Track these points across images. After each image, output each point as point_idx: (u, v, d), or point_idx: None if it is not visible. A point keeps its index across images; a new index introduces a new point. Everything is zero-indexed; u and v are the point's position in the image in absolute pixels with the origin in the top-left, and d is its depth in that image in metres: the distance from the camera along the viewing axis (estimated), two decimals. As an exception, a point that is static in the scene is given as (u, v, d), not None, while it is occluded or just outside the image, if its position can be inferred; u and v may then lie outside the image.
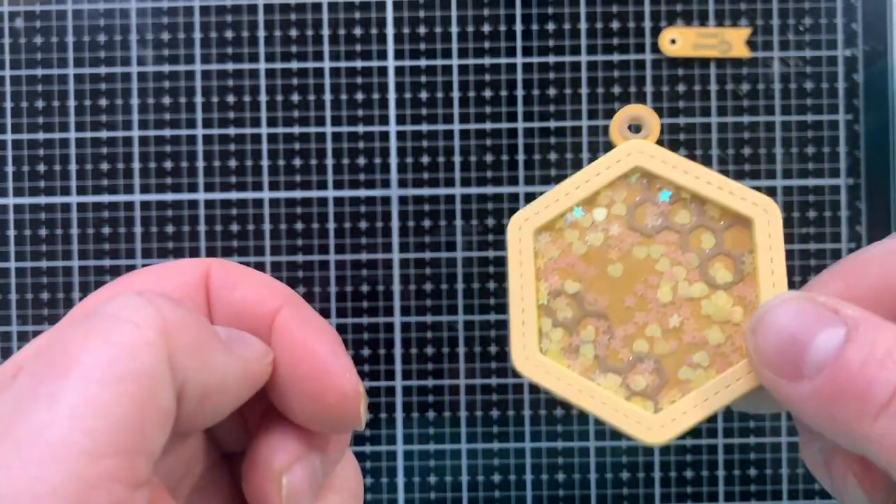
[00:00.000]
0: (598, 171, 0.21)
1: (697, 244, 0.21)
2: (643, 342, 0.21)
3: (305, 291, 0.36)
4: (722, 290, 0.21)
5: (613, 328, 0.21)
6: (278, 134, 0.36)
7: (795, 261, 0.36)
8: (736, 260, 0.21)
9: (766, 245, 0.20)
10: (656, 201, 0.21)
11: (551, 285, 0.21)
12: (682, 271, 0.21)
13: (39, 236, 0.36)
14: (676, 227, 0.21)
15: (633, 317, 0.21)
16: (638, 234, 0.21)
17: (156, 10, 0.36)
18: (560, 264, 0.21)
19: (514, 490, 0.36)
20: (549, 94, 0.36)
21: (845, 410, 0.16)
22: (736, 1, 0.36)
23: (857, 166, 0.36)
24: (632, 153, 0.21)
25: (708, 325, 0.20)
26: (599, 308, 0.21)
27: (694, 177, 0.21)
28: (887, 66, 0.36)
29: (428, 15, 0.36)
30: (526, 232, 0.21)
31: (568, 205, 0.21)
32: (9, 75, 0.37)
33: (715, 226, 0.21)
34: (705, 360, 0.20)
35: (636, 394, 0.20)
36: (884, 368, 0.16)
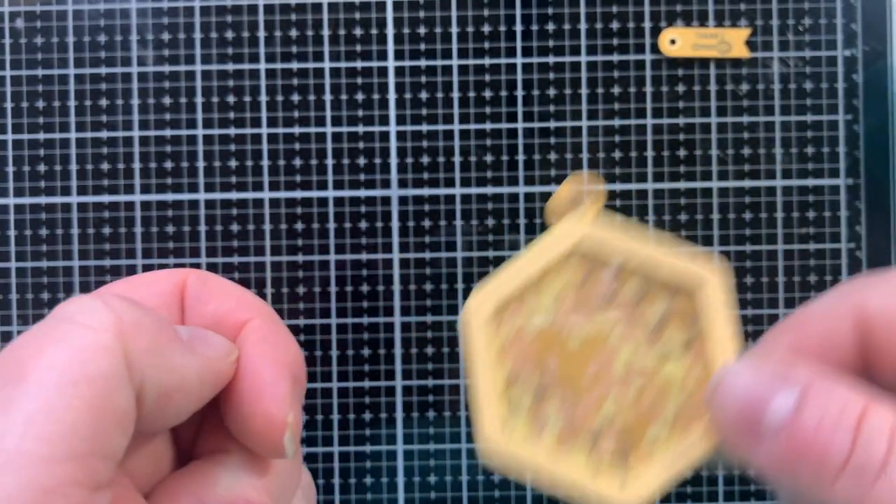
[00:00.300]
0: (546, 248, 0.21)
1: (646, 315, 0.21)
2: (605, 414, 0.21)
3: (306, 291, 0.36)
4: (677, 356, 0.21)
5: (575, 403, 0.21)
6: (278, 134, 0.36)
7: (795, 261, 0.36)
8: (688, 325, 0.21)
9: (713, 311, 0.21)
10: (605, 273, 0.21)
11: (510, 367, 0.21)
12: (637, 340, 0.21)
13: (40, 236, 0.37)
14: (627, 296, 0.21)
15: (593, 389, 0.21)
16: (590, 307, 0.21)
17: (156, 11, 0.36)
18: (518, 343, 0.21)
19: (514, 490, 0.36)
20: (549, 95, 0.36)
21: (804, 473, 0.17)
22: (735, 1, 0.36)
23: (857, 166, 0.36)
24: (577, 228, 0.21)
25: (666, 391, 0.21)
26: (560, 384, 0.21)
27: (638, 247, 0.21)
28: (887, 67, 0.36)
29: (428, 15, 0.36)
30: (480, 317, 0.21)
31: (520, 284, 0.21)
32: (9, 75, 0.37)
33: (664, 293, 0.21)
34: (666, 427, 0.21)
35: (603, 466, 0.21)
36: (837, 430, 0.16)
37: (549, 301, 0.21)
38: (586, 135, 0.36)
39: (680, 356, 0.21)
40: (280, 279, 0.36)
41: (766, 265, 0.36)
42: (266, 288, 0.36)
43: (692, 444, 0.20)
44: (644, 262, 0.21)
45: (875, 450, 0.16)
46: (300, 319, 0.36)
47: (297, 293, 0.36)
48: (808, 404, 0.17)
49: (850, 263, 0.36)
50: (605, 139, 0.36)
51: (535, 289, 0.21)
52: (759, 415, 0.17)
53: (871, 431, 0.16)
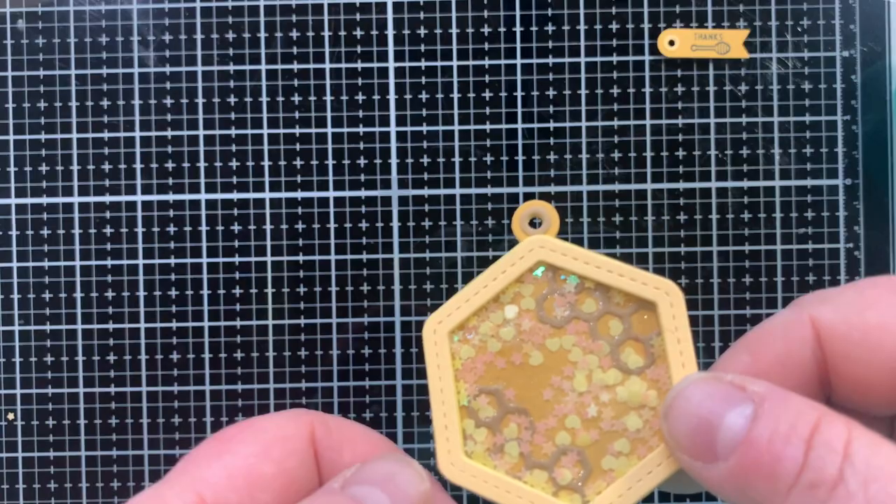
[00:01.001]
0: (503, 268, 0.22)
1: (606, 331, 0.21)
2: (565, 434, 0.21)
3: (306, 291, 0.36)
4: (635, 375, 0.21)
5: (535, 423, 0.21)
6: (279, 135, 0.36)
7: (794, 261, 0.36)
8: (645, 343, 0.21)
9: (671, 327, 0.21)
10: (563, 292, 0.21)
11: (470, 385, 0.21)
12: (595, 359, 0.21)
13: (42, 236, 0.37)
14: (584, 316, 0.21)
15: (553, 409, 0.21)
16: (548, 326, 0.21)
17: (157, 12, 0.37)
18: (477, 363, 0.21)
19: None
20: (549, 96, 0.36)
21: (759, 490, 0.16)
22: (734, 2, 0.36)
23: (855, 167, 0.36)
24: (534, 248, 0.22)
25: (625, 411, 0.21)
26: (519, 404, 0.21)
27: (595, 266, 0.21)
28: (885, 67, 0.36)
29: (428, 17, 0.36)
30: (441, 335, 0.21)
31: (478, 304, 0.21)
32: (11, 76, 0.37)
33: (621, 312, 0.21)
34: (626, 447, 0.20)
35: (563, 488, 0.21)
36: (789, 444, 0.16)
37: (510, 319, 0.21)
38: (585, 135, 0.36)
39: (640, 373, 0.21)
40: (281, 279, 0.36)
41: (764, 265, 0.36)
42: (267, 288, 0.36)
43: (655, 464, 0.20)
44: (603, 280, 0.21)
45: (828, 464, 0.16)
46: (301, 319, 0.36)
47: (298, 293, 0.36)
48: (761, 419, 0.16)
49: (848, 263, 0.36)
50: (605, 140, 0.36)
51: (495, 307, 0.22)
52: (712, 433, 0.17)
53: (824, 445, 0.16)
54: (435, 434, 0.21)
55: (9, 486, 0.36)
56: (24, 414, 0.37)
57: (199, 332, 0.36)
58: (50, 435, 0.36)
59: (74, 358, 0.36)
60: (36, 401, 0.37)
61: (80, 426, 0.36)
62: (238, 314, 0.36)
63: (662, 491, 0.22)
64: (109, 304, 0.37)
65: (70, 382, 0.36)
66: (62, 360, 0.36)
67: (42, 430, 0.36)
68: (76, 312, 0.37)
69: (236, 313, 0.36)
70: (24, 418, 0.37)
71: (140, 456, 0.36)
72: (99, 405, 0.36)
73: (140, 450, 0.36)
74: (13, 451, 0.36)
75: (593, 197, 0.36)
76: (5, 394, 0.37)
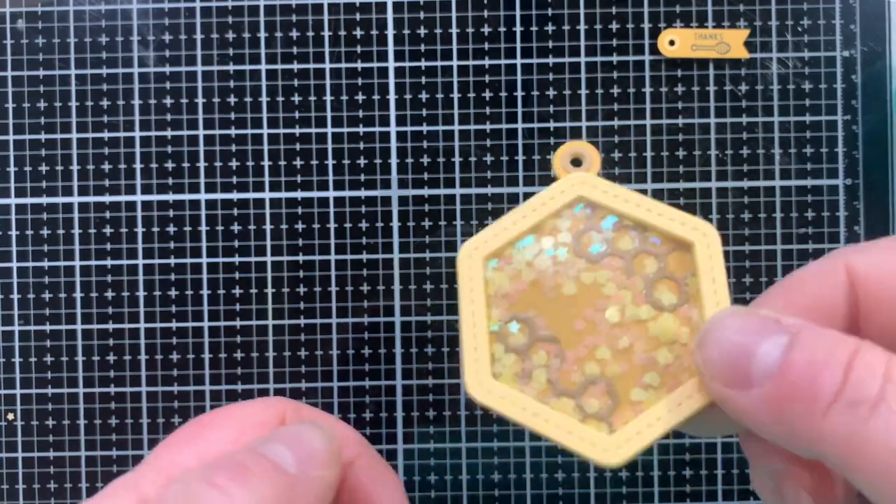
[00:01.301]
0: (543, 201, 0.22)
1: (641, 269, 0.21)
2: (594, 365, 0.21)
3: (306, 291, 0.36)
4: (668, 312, 0.21)
5: (564, 352, 0.21)
6: (279, 134, 0.36)
7: (794, 261, 0.36)
8: (679, 282, 0.21)
9: (707, 267, 0.21)
10: (600, 229, 0.21)
11: (502, 311, 0.21)
12: (629, 295, 0.21)
13: (41, 236, 0.37)
14: (620, 252, 0.21)
15: (584, 340, 0.21)
16: (584, 261, 0.21)
17: (157, 12, 0.37)
18: (510, 291, 0.21)
19: (514, 489, 0.36)
20: (549, 95, 0.36)
21: (795, 412, 0.16)
22: (734, 2, 0.36)
23: (856, 167, 0.36)
24: (575, 184, 0.22)
25: (656, 345, 0.21)
26: (550, 332, 0.21)
27: (635, 205, 0.21)
28: (885, 67, 0.36)
29: (428, 17, 0.36)
30: (476, 260, 0.21)
31: (516, 233, 0.21)
32: (10, 76, 0.37)
33: (657, 250, 0.21)
34: (656, 381, 0.20)
35: (590, 416, 0.20)
36: (827, 368, 0.16)
37: (549, 247, 0.21)
38: (585, 135, 0.36)
39: (673, 310, 0.21)
40: (281, 279, 0.36)
41: (764, 265, 0.36)
42: (267, 288, 0.36)
43: (685, 397, 0.20)
44: (640, 218, 0.21)
45: (869, 385, 0.16)
46: (301, 319, 0.36)
47: (298, 293, 0.36)
48: (798, 346, 0.17)
49: (848, 263, 0.36)
50: (605, 140, 0.36)
51: (535, 235, 0.22)
52: (747, 360, 0.17)
53: (864, 367, 0.16)
54: (464, 356, 0.21)
55: (9, 486, 0.36)
56: (23, 414, 0.37)
57: (199, 332, 0.36)
58: (50, 435, 0.36)
59: (74, 358, 0.36)
60: (36, 401, 0.36)
61: (80, 426, 0.36)
62: (238, 314, 0.36)
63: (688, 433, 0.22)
64: (109, 304, 0.37)
65: (70, 382, 0.36)
66: (62, 360, 0.36)
67: (42, 430, 0.36)
68: (76, 312, 0.37)
69: (236, 313, 0.36)
70: (24, 418, 0.37)
71: (140, 456, 0.36)
72: (99, 405, 0.36)
73: (140, 450, 0.36)
74: (13, 451, 0.36)
75: (593, 197, 0.36)
76: (5, 394, 0.37)
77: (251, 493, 0.17)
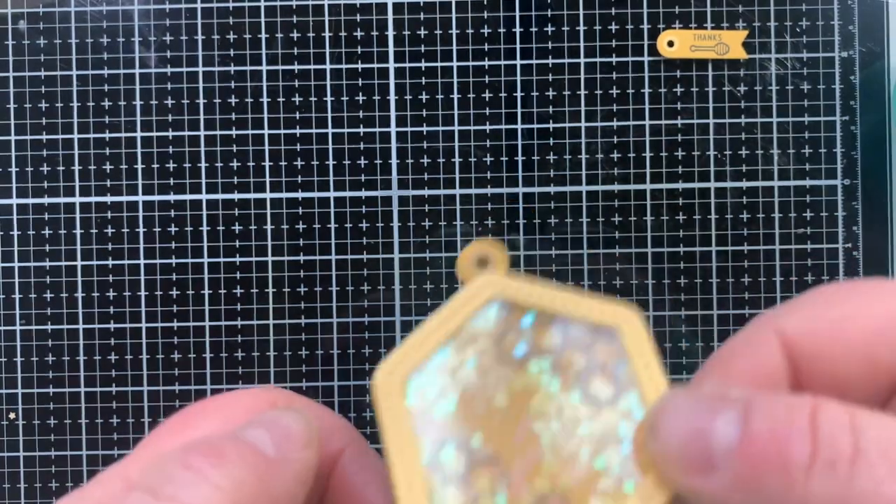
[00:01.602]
0: (454, 309, 0.20)
1: (570, 365, 0.19)
2: (543, 480, 0.19)
3: (307, 291, 0.36)
4: (606, 408, 0.19)
5: (509, 470, 0.19)
6: (280, 135, 0.37)
7: (793, 261, 0.36)
8: (612, 373, 0.19)
9: (637, 352, 0.19)
10: (520, 329, 0.20)
11: (432, 438, 0.19)
12: (564, 395, 0.19)
13: (43, 236, 0.37)
14: (546, 351, 0.20)
15: (526, 453, 0.19)
16: (510, 366, 0.20)
17: (158, 13, 0.37)
18: (436, 413, 0.19)
19: (514, 488, 0.36)
20: (548, 96, 0.36)
21: (771, 486, 0.15)
22: (733, 3, 0.36)
23: (854, 167, 0.36)
24: (486, 287, 0.20)
25: (603, 446, 0.19)
26: (489, 452, 0.19)
27: (550, 300, 0.20)
28: (884, 68, 0.36)
29: (428, 18, 0.36)
30: (394, 386, 0.19)
31: (432, 349, 0.20)
32: (12, 77, 0.37)
33: (583, 343, 0.20)
34: (611, 486, 0.19)
35: None
36: (791, 432, 0.15)
37: (467, 360, 0.20)
38: (585, 136, 0.36)
39: (612, 403, 0.19)
40: (282, 279, 0.36)
41: (763, 265, 0.36)
42: (268, 288, 0.36)
43: (647, 498, 0.18)
44: (559, 311, 0.20)
45: (841, 441, 0.15)
46: (301, 319, 0.36)
47: (299, 293, 0.36)
48: (754, 416, 0.16)
49: (846, 264, 0.36)
50: (604, 140, 0.36)
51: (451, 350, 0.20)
52: (705, 443, 0.16)
53: (830, 423, 0.15)
54: (397, 499, 0.19)
55: (10, 485, 0.36)
56: (25, 413, 0.37)
57: (199, 332, 0.36)
58: (51, 434, 0.37)
59: (76, 357, 0.37)
60: (37, 400, 0.37)
61: (82, 426, 0.37)
62: (239, 314, 0.36)
63: None
64: (111, 303, 0.37)
65: (71, 382, 0.37)
66: (63, 359, 0.37)
67: (43, 429, 0.37)
68: (77, 312, 0.37)
69: (237, 313, 0.37)
70: (26, 418, 0.37)
71: (141, 455, 0.36)
72: (100, 405, 0.37)
73: (141, 449, 0.36)
74: (14, 450, 0.37)
75: (593, 197, 0.36)
76: (7, 393, 0.37)
77: (226, 475, 0.16)
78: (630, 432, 0.19)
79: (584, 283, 0.36)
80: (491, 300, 0.20)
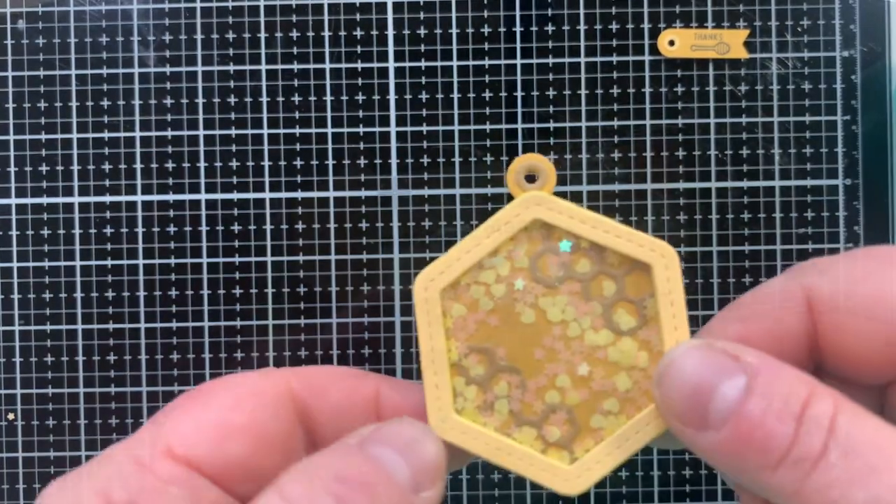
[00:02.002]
0: (497, 226, 0.21)
1: (599, 291, 0.21)
2: (555, 393, 0.21)
3: (307, 291, 0.36)
4: (626, 336, 0.21)
5: (525, 381, 0.21)
6: (279, 135, 0.37)
7: (794, 261, 0.36)
8: (638, 305, 0.21)
9: (665, 290, 0.21)
10: (557, 252, 0.21)
11: (461, 344, 0.21)
12: (587, 320, 0.21)
13: (42, 236, 0.37)
14: (578, 276, 0.21)
15: (544, 368, 0.21)
16: (542, 286, 0.21)
17: (157, 12, 0.37)
18: (468, 321, 0.21)
19: (514, 489, 0.36)
20: (549, 96, 0.36)
21: (748, 461, 0.17)
22: (734, 2, 0.36)
23: (855, 167, 0.36)
24: (530, 206, 0.21)
25: (615, 371, 0.21)
26: (510, 362, 0.21)
27: (591, 226, 0.21)
28: (885, 67, 0.36)
29: (428, 17, 0.36)
30: (432, 293, 0.21)
31: (471, 262, 0.21)
32: (11, 76, 0.37)
33: (615, 272, 0.21)
34: (615, 407, 0.21)
35: (551, 445, 0.21)
36: (781, 421, 0.16)
37: (503, 277, 0.21)
38: (585, 135, 0.36)
39: (632, 334, 0.21)
40: (281, 279, 0.36)
41: (764, 265, 0.36)
42: (267, 288, 0.36)
43: (644, 424, 0.20)
44: (598, 241, 0.21)
45: (815, 440, 0.16)
46: (301, 319, 0.36)
47: (298, 293, 0.36)
48: (754, 393, 0.17)
49: (848, 263, 0.36)
50: (604, 140, 0.36)
51: (488, 265, 0.21)
52: (705, 402, 0.17)
53: (813, 421, 0.16)
54: (425, 391, 0.21)
55: (9, 486, 0.36)
56: (24, 414, 0.37)
57: (199, 332, 0.36)
58: (50, 435, 0.37)
59: (75, 358, 0.36)
60: (36, 401, 0.37)
61: (81, 426, 0.36)
62: (238, 314, 0.36)
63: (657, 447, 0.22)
64: (109, 304, 0.37)
65: (70, 382, 0.36)
66: (62, 360, 0.37)
67: (42, 430, 0.37)
68: (76, 312, 0.37)
69: (236, 313, 0.36)
70: (25, 418, 0.37)
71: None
72: (99, 405, 0.36)
73: (140, 450, 0.36)
74: (13, 450, 0.36)
75: (593, 197, 0.36)
76: (5, 394, 0.37)
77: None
78: (642, 362, 0.21)
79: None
80: (533, 222, 0.21)
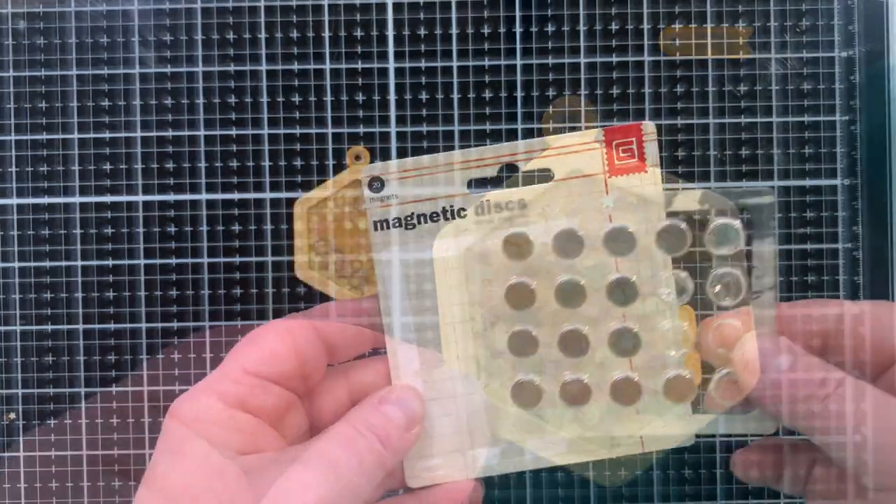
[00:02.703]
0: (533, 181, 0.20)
1: (647, 255, 0.19)
2: (598, 365, 0.19)
3: (307, 291, 0.36)
4: (672, 306, 0.19)
5: (564, 356, 0.19)
6: (279, 134, 0.37)
7: (793, 261, 0.36)
8: (681, 275, 0.20)
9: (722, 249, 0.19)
10: (601, 208, 0.19)
11: (488, 311, 0.19)
12: (632, 287, 0.19)
13: (42, 236, 0.37)
14: (623, 237, 0.19)
15: (569, 346, 0.19)
16: (582, 247, 0.19)
17: (158, 12, 0.37)
18: (500, 284, 0.19)
19: (514, 489, 0.36)
20: (549, 95, 0.36)
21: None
22: (734, 2, 0.36)
23: (855, 167, 0.36)
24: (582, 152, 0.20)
25: (664, 347, 0.19)
26: (545, 335, 0.19)
27: (641, 182, 0.19)
28: (885, 67, 0.36)
29: (428, 17, 0.36)
30: (454, 253, 0.20)
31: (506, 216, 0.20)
32: (11, 76, 0.37)
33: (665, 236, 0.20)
34: (660, 385, 0.19)
35: (590, 428, 0.19)
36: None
37: (540, 233, 0.19)
38: (585, 135, 0.36)
39: (679, 304, 0.19)
40: (281, 279, 0.36)
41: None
42: (267, 288, 0.36)
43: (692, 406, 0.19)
44: (648, 197, 0.19)
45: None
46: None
47: (298, 293, 0.36)
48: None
49: (847, 264, 0.36)
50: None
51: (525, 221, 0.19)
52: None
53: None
54: (444, 352, 0.19)
55: (10, 485, 0.36)
56: (24, 414, 0.37)
57: (199, 333, 0.36)
58: (51, 435, 0.37)
59: (75, 358, 0.37)
60: (37, 401, 0.37)
61: (82, 426, 0.36)
62: (238, 314, 0.36)
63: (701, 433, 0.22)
64: (110, 304, 0.37)
65: (71, 382, 0.37)
66: (63, 360, 0.37)
67: (43, 429, 0.37)
68: (77, 312, 0.37)
69: (236, 313, 0.36)
70: (25, 418, 0.37)
71: (141, 455, 0.36)
72: (100, 405, 0.36)
73: (141, 449, 0.36)
74: (14, 450, 0.37)
75: (593, 197, 0.36)
76: (6, 394, 0.37)
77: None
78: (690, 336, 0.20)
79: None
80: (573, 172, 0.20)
